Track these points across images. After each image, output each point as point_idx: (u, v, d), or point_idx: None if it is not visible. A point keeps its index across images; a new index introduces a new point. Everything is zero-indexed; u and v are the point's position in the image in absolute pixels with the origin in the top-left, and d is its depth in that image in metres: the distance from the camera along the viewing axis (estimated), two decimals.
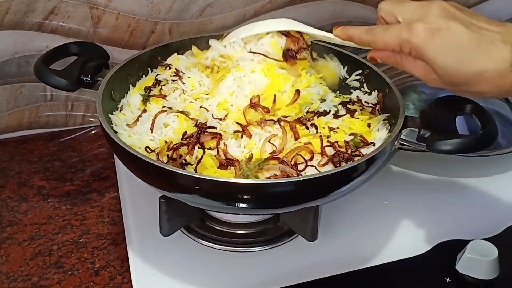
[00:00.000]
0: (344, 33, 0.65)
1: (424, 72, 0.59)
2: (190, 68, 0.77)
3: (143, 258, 0.70)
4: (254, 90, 0.70)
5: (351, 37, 0.64)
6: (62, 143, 0.95)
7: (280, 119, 0.68)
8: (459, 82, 0.57)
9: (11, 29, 0.86)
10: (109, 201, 0.81)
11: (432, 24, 0.55)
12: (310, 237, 0.71)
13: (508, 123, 0.88)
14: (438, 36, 0.55)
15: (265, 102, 0.69)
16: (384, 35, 0.59)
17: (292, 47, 0.72)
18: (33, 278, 0.69)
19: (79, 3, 0.87)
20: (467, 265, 0.66)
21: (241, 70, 0.71)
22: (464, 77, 0.56)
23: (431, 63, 0.56)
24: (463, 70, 0.55)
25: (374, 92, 0.80)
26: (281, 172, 0.63)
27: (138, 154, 0.61)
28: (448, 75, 0.56)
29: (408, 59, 0.59)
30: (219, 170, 0.64)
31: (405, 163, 0.87)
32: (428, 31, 0.55)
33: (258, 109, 0.68)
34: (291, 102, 0.70)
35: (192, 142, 0.66)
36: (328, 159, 0.66)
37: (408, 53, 0.58)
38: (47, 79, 0.74)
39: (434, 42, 0.55)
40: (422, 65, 0.58)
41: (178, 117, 0.70)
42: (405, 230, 0.76)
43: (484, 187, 0.84)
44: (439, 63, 0.56)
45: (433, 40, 0.55)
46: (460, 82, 0.57)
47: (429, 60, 0.56)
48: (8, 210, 0.79)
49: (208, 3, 0.94)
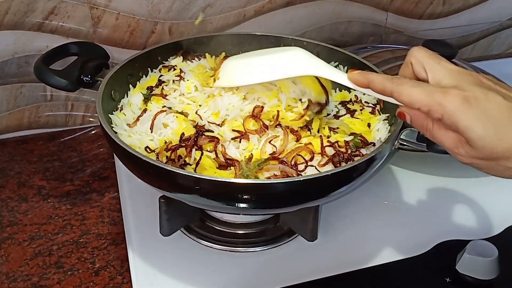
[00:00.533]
0: (364, 78, 0.58)
1: (456, 144, 0.53)
2: (194, 70, 0.77)
3: (143, 258, 0.70)
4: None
5: (372, 82, 0.56)
6: (62, 143, 0.95)
7: (281, 124, 0.68)
8: (497, 155, 0.51)
9: (11, 29, 0.86)
10: (109, 201, 0.81)
11: (469, 92, 0.50)
12: (310, 237, 0.71)
13: None
14: (475, 105, 0.50)
15: (268, 114, 0.68)
16: (413, 90, 0.53)
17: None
18: (33, 278, 0.69)
19: (79, 3, 0.87)
20: (467, 265, 0.66)
21: (238, 95, 0.69)
22: (503, 149, 0.50)
23: (467, 132, 0.50)
24: (504, 141, 0.50)
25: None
26: (281, 172, 0.63)
27: (138, 154, 0.60)
28: (484, 147, 0.51)
29: (439, 125, 0.53)
30: (219, 171, 0.64)
31: (405, 163, 0.87)
32: (465, 99, 0.50)
33: (258, 120, 0.67)
34: (298, 118, 0.68)
35: (190, 145, 0.66)
36: (328, 159, 0.66)
37: (437, 119, 0.52)
38: (47, 79, 0.74)
39: (471, 110, 0.50)
40: (453, 136, 0.52)
41: (177, 117, 0.70)
42: (405, 230, 0.76)
43: (484, 187, 0.84)
44: (476, 132, 0.50)
45: (470, 108, 0.50)
46: (499, 155, 0.51)
47: (465, 129, 0.50)
48: (8, 210, 0.79)
49: (208, 3, 0.94)
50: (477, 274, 0.66)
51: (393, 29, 1.12)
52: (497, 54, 1.26)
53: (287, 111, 0.68)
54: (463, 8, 1.14)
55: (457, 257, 0.68)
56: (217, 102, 0.69)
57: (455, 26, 1.17)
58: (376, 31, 1.11)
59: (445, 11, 1.13)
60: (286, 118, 0.68)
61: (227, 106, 0.69)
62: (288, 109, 0.69)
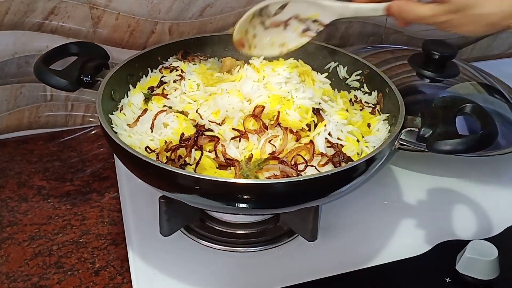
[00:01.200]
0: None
1: (431, 8, 0.62)
2: (196, 70, 0.78)
3: (143, 258, 0.70)
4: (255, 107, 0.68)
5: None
6: (62, 143, 0.95)
7: (281, 124, 0.68)
8: (467, 3, 0.60)
9: (11, 29, 0.86)
10: (109, 201, 0.81)
11: None
12: (310, 237, 0.71)
13: (508, 123, 0.88)
14: None
15: (268, 115, 0.68)
16: None
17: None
18: (33, 278, 0.69)
19: (79, 3, 0.87)
20: (467, 265, 0.66)
21: (240, 97, 0.70)
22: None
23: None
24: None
25: (374, 92, 0.80)
26: (281, 172, 0.63)
27: (138, 154, 0.60)
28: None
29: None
30: (219, 171, 0.64)
31: (405, 163, 0.87)
32: None
33: (259, 120, 0.67)
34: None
35: (190, 145, 0.66)
36: (328, 159, 0.65)
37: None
38: (47, 79, 0.74)
39: None
40: (428, 5, 0.62)
41: (178, 117, 0.70)
42: (405, 230, 0.76)
43: (484, 187, 0.84)
44: None
45: None
46: (469, 3, 0.60)
47: None
48: (8, 210, 0.79)
49: (208, 3, 0.94)
50: (477, 274, 0.66)
51: (393, 29, 1.12)
52: (497, 54, 1.26)
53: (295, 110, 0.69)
54: None
55: (457, 257, 0.68)
56: (217, 100, 0.69)
57: None
58: (376, 31, 1.11)
59: None
60: (286, 120, 0.68)
61: (227, 107, 0.69)
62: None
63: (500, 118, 0.87)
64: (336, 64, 0.85)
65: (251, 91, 0.70)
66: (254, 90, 0.70)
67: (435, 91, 0.90)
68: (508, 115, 0.90)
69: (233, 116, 0.68)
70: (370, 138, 0.71)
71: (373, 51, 1.01)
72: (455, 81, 0.91)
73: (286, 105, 0.69)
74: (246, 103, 0.69)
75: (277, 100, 0.69)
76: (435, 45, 0.90)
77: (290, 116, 0.68)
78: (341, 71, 0.84)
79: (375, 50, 1.01)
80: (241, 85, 0.71)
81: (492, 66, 1.08)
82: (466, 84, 0.92)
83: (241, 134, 0.67)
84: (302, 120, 0.68)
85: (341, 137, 0.67)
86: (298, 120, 0.68)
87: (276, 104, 0.68)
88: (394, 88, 0.75)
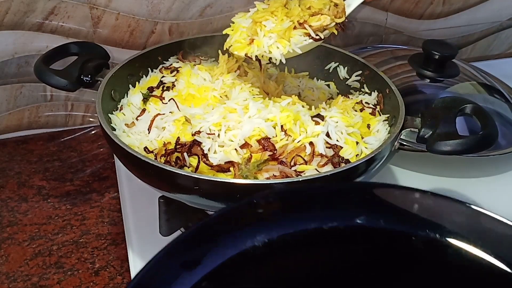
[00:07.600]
0: None
1: None
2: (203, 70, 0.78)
3: (143, 258, 0.70)
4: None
5: None
6: (62, 143, 0.95)
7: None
8: None
9: (11, 29, 0.86)
10: (109, 201, 0.81)
11: None
12: None
13: (508, 123, 0.88)
14: None
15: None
16: None
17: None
18: (33, 278, 0.69)
19: (79, 3, 0.87)
20: None
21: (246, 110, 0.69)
22: None
23: None
24: None
25: (374, 92, 0.80)
26: (280, 173, 0.63)
27: (137, 154, 0.61)
28: None
29: None
30: (217, 173, 0.64)
31: (405, 163, 0.87)
32: None
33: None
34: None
35: (184, 151, 0.66)
36: (328, 159, 0.66)
37: None
38: (47, 79, 0.74)
39: None
40: None
41: (174, 122, 0.69)
42: None
43: (484, 187, 0.84)
44: None
45: None
46: None
47: None
48: (8, 210, 0.79)
49: (208, 3, 0.94)
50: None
51: (393, 29, 1.12)
52: (497, 54, 1.26)
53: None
54: (463, 8, 1.14)
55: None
56: (222, 111, 0.69)
57: (455, 26, 1.17)
58: (376, 31, 1.11)
59: (445, 11, 1.13)
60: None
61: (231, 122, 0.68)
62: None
63: (500, 118, 0.87)
64: (336, 64, 0.85)
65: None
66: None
67: (435, 91, 0.90)
68: (508, 115, 0.90)
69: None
70: (370, 139, 0.71)
71: (373, 51, 1.01)
72: (455, 81, 0.91)
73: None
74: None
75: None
76: (435, 45, 0.90)
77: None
78: (341, 72, 0.84)
79: (375, 50, 1.01)
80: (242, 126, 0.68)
81: (492, 66, 1.08)
82: (466, 84, 0.92)
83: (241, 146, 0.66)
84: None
85: (340, 139, 0.67)
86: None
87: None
88: (394, 89, 0.75)
